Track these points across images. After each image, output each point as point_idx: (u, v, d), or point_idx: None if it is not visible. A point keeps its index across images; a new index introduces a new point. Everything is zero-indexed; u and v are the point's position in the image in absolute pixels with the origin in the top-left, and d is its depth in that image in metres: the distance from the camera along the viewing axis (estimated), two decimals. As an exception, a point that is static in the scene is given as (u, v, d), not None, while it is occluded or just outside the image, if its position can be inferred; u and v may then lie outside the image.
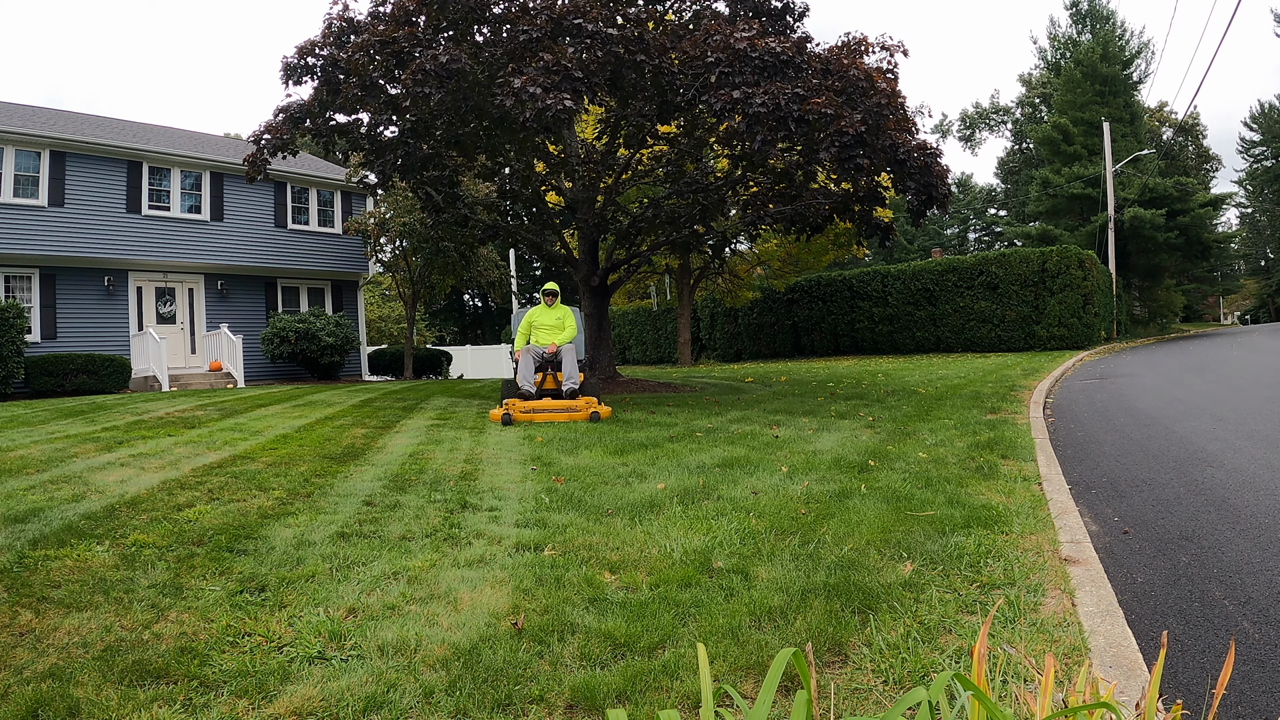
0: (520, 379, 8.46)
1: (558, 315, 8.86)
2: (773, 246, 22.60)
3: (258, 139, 11.23)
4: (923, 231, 51.23)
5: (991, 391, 9.90)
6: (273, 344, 17.46)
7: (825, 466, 5.15)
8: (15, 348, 13.46)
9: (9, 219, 15.18)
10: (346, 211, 20.59)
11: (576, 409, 8.06)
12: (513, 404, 8.05)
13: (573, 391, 8.42)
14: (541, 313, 8.89)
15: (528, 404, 8.08)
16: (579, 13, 9.16)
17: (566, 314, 8.93)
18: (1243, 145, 45.39)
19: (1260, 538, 3.41)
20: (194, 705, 2.07)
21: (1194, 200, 30.92)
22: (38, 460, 5.56)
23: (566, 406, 8.10)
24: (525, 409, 7.96)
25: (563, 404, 8.15)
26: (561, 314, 8.89)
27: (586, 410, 7.97)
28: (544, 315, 8.86)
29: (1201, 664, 2.28)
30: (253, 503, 4.30)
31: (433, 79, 9.12)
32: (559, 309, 8.96)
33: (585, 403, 8.16)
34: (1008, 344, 21.02)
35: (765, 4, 12.14)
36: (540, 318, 8.85)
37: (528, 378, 8.40)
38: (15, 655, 2.39)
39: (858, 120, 9.17)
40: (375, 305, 37.02)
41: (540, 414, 7.95)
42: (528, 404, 8.08)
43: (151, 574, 3.13)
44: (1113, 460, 5.48)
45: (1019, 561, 3.07)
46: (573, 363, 8.55)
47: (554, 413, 7.99)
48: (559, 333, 8.78)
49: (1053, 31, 40.29)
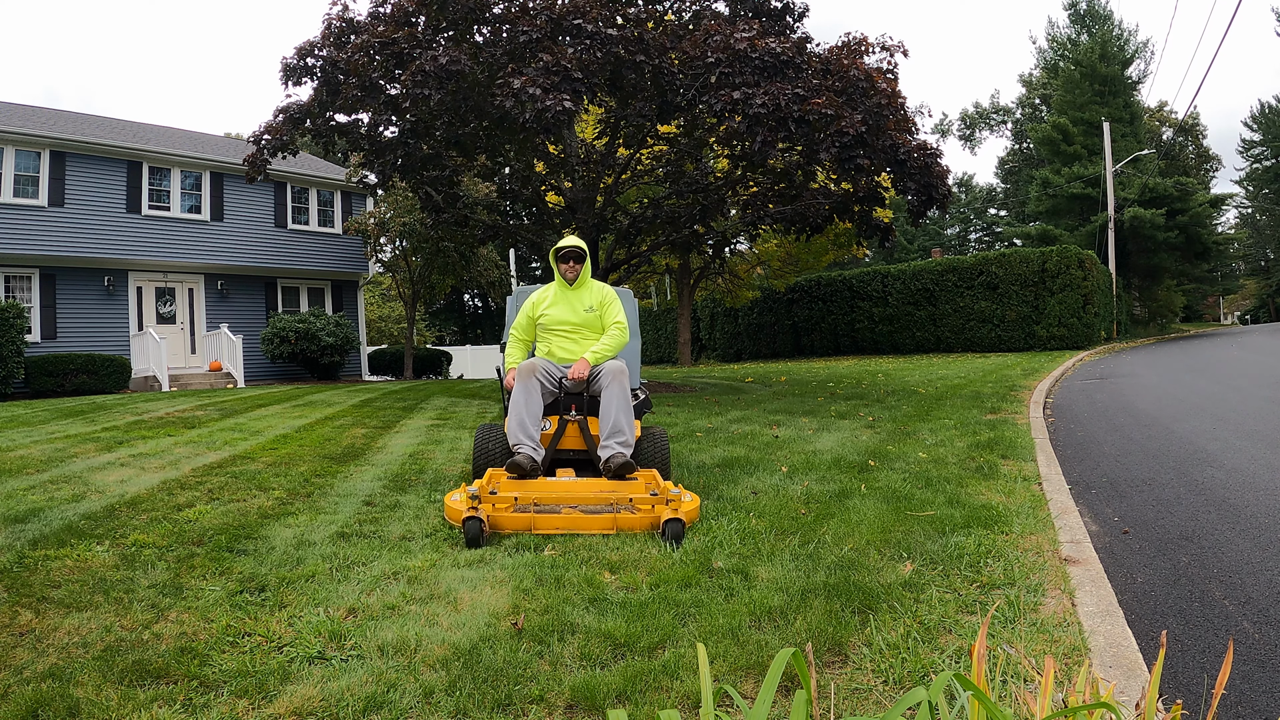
0: (512, 429, 4.20)
1: (589, 302, 4.62)
2: (773, 246, 22.61)
3: (258, 139, 11.23)
4: (923, 231, 51.25)
5: (991, 391, 9.90)
6: (273, 344, 17.46)
7: (825, 466, 5.15)
8: (15, 348, 13.46)
9: (9, 219, 15.18)
10: (346, 211, 20.59)
11: (628, 503, 3.76)
12: (495, 484, 3.94)
13: (622, 464, 4.08)
14: (559, 297, 4.65)
15: (527, 489, 3.87)
16: (579, 13, 9.17)
17: (606, 299, 4.65)
18: (1243, 145, 45.42)
19: (1260, 538, 3.41)
20: (194, 705, 2.07)
21: (1194, 200, 30.93)
22: (38, 460, 5.56)
23: (607, 501, 3.80)
24: (520, 503, 3.74)
25: (599, 492, 3.86)
26: (597, 299, 4.64)
27: (651, 512, 3.69)
28: (562, 301, 4.64)
29: (1201, 664, 2.28)
30: (253, 503, 4.30)
31: (432, 80, 9.13)
32: (589, 287, 4.69)
33: (646, 489, 3.93)
34: (1008, 344, 21.02)
35: (765, 4, 12.14)
36: (554, 307, 4.62)
37: (527, 429, 4.18)
38: (15, 655, 2.39)
39: (858, 120, 9.18)
40: (375, 305, 37.02)
41: (553, 519, 3.69)
42: (527, 489, 3.87)
43: (151, 574, 3.13)
44: (1113, 460, 5.48)
45: (1019, 561, 3.07)
46: (623, 402, 4.25)
47: (581, 516, 3.69)
48: (589, 336, 4.60)
49: (1051, 32, 40.34)
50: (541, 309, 4.60)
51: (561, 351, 4.55)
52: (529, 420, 4.16)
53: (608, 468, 4.08)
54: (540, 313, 4.60)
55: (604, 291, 4.66)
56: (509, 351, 4.67)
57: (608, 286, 4.73)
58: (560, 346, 4.57)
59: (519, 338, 4.67)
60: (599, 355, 4.44)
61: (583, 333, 4.57)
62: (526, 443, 4.11)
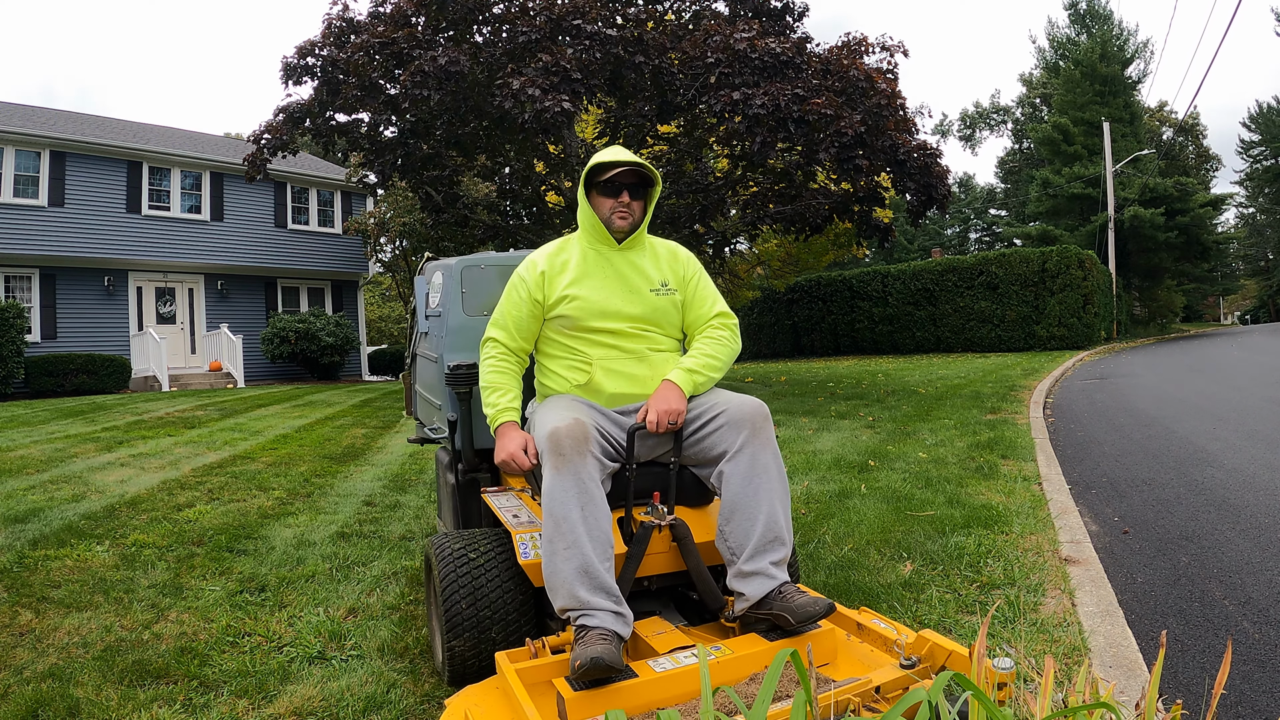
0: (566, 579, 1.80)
1: (658, 274, 2.21)
2: (773, 246, 22.60)
3: (258, 139, 11.24)
4: (923, 231, 51.21)
5: (991, 391, 9.90)
6: (273, 344, 17.46)
7: (825, 466, 5.15)
8: (15, 348, 13.46)
9: (9, 219, 15.18)
10: (346, 211, 20.60)
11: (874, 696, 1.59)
12: None
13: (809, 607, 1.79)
14: (594, 265, 2.19)
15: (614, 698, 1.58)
16: (578, 13, 9.17)
17: (688, 268, 2.28)
18: (1242, 145, 45.41)
19: (1260, 538, 3.41)
20: (194, 705, 2.07)
21: (1194, 200, 30.93)
22: (38, 460, 5.56)
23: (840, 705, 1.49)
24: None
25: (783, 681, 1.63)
26: (670, 268, 2.25)
27: None
28: (603, 273, 2.18)
29: (1201, 664, 2.28)
30: (253, 503, 4.30)
31: (432, 80, 9.14)
32: (649, 246, 2.26)
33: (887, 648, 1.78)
34: (1008, 344, 21.02)
35: (765, 4, 12.14)
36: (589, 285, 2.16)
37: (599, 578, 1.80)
38: (15, 655, 2.39)
39: (857, 121, 9.18)
40: (375, 305, 37.02)
41: None
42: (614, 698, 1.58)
43: (151, 574, 3.13)
44: (1113, 460, 5.48)
45: (1019, 561, 3.07)
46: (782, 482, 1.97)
47: None
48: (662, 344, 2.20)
49: (1051, 32, 40.37)
50: (562, 287, 2.17)
51: (612, 381, 2.13)
52: (596, 555, 1.82)
53: (759, 616, 1.90)
54: (560, 293, 2.17)
55: (675, 255, 2.31)
56: (488, 376, 2.20)
57: (675, 245, 2.37)
58: (610, 366, 2.14)
59: (507, 346, 2.22)
60: (699, 377, 2.12)
61: (650, 338, 2.19)
62: (601, 605, 1.80)
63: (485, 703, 1.75)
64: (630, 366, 2.14)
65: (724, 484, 1.99)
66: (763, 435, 1.99)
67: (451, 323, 2.62)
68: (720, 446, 2.01)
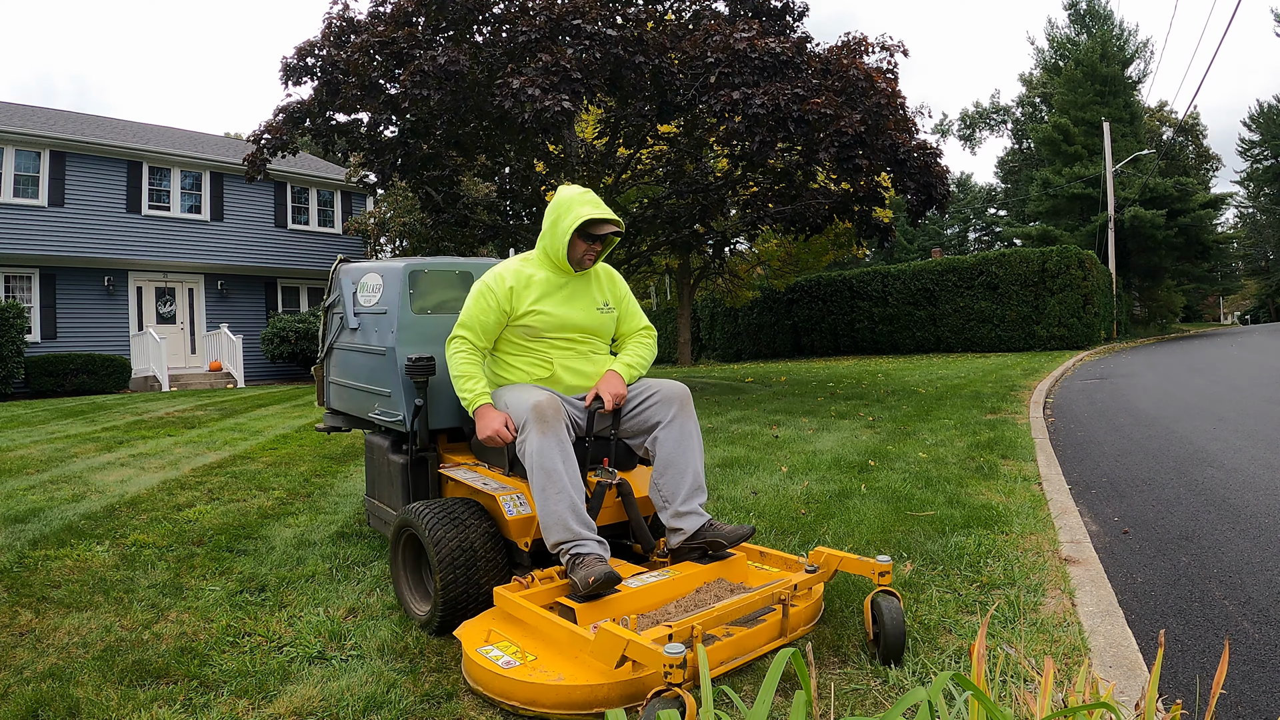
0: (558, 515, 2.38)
1: (602, 296, 2.91)
2: (773, 246, 22.61)
3: (257, 139, 11.24)
4: (923, 231, 51.23)
5: (991, 391, 9.90)
6: (273, 344, 17.47)
7: (825, 466, 5.15)
8: (15, 348, 13.47)
9: (9, 219, 15.19)
10: (346, 211, 20.60)
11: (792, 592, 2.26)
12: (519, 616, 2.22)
13: (720, 537, 2.52)
14: (554, 285, 2.79)
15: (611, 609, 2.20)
16: (578, 13, 9.17)
17: (620, 290, 3.01)
18: (1242, 145, 45.42)
19: (1260, 538, 3.41)
20: (194, 705, 2.07)
21: (1194, 200, 30.95)
22: (38, 460, 5.56)
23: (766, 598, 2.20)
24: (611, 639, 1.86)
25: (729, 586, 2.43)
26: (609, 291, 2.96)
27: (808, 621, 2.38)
28: (562, 293, 2.80)
29: (1201, 664, 2.28)
30: (253, 503, 4.31)
31: (432, 80, 9.14)
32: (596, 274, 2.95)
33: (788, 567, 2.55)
34: (1008, 344, 21.02)
35: (765, 4, 12.14)
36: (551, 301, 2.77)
37: (582, 514, 2.43)
38: (15, 655, 2.39)
39: (857, 120, 9.18)
40: (375, 305, 36.97)
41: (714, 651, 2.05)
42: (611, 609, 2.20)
43: (151, 574, 3.13)
44: (1113, 460, 5.48)
45: (1019, 561, 3.07)
46: (689, 443, 2.64)
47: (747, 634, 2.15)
48: (601, 350, 2.92)
49: (1051, 32, 40.38)
50: (528, 303, 2.71)
51: (569, 375, 2.75)
52: (578, 496, 2.41)
53: (691, 546, 2.53)
54: (527, 308, 2.71)
55: (614, 279, 2.99)
56: (460, 367, 2.66)
57: (610, 269, 3.02)
58: (567, 366, 2.76)
59: (474, 344, 2.71)
60: (634, 371, 2.83)
61: (594, 344, 2.85)
62: (588, 535, 2.38)
63: (496, 624, 2.27)
64: (583, 365, 2.81)
65: (658, 446, 2.64)
66: (687, 409, 2.69)
67: (403, 320, 2.94)
68: (655, 418, 2.67)
